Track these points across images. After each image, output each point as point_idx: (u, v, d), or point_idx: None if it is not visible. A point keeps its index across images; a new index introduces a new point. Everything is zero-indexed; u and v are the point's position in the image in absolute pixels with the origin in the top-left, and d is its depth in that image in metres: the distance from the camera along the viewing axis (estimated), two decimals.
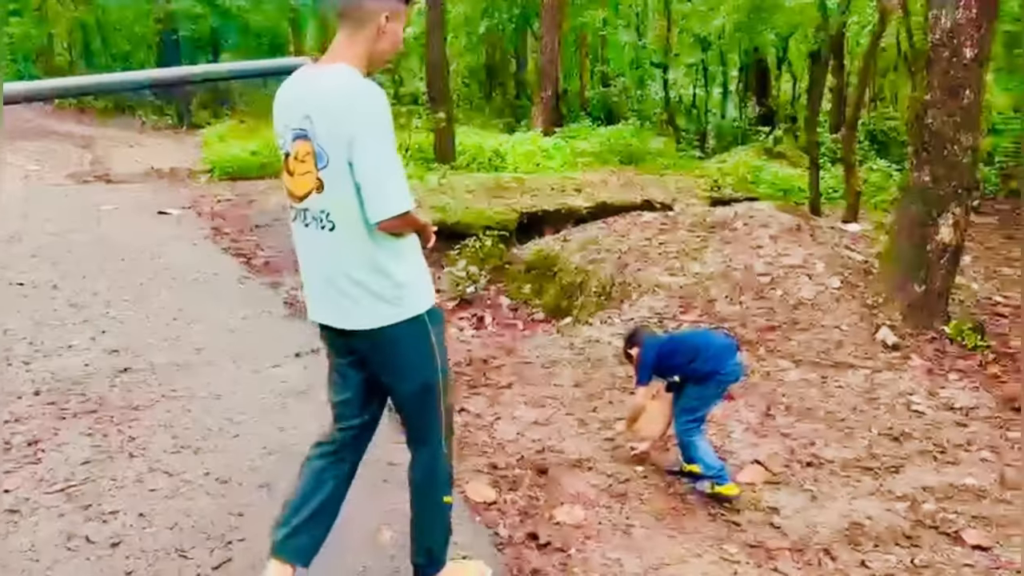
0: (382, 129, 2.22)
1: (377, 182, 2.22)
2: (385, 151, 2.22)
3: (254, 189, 11.89)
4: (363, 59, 2.35)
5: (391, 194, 2.23)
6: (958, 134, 6.02)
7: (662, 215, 8.71)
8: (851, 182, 9.20)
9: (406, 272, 2.37)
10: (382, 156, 2.21)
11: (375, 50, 2.37)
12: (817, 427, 4.43)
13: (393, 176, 2.24)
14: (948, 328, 6.03)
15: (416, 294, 2.39)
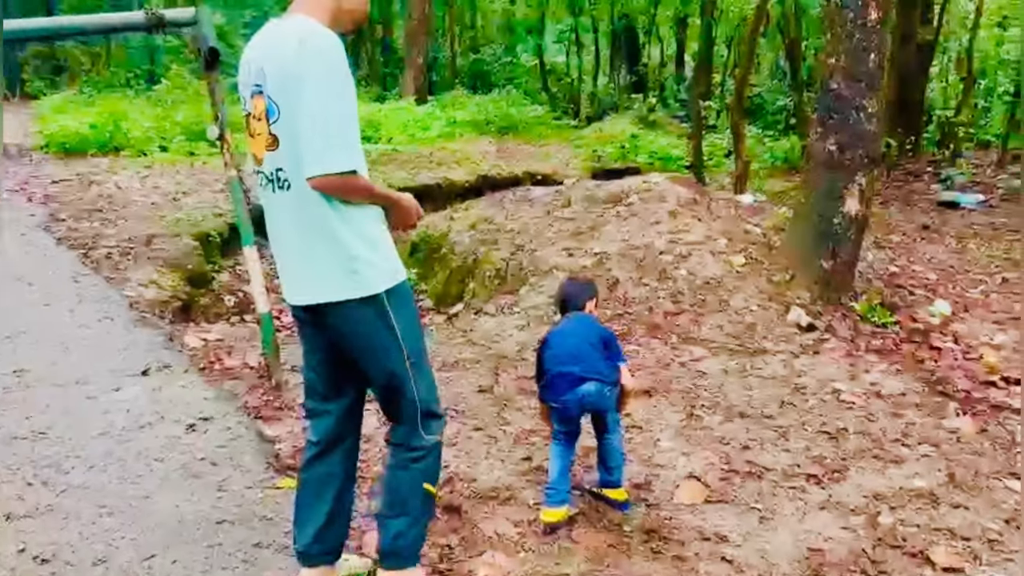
0: (330, 74, 2.03)
1: (313, 133, 2.03)
2: (329, 100, 2.03)
3: (95, 167, 10.62)
4: (327, 13, 2.20)
5: (328, 148, 2.03)
6: (863, 100, 5.75)
7: (553, 190, 8.19)
8: (740, 151, 8.98)
9: (363, 244, 2.19)
10: (325, 104, 2.02)
11: (340, 7, 2.24)
12: (748, 427, 4.02)
13: (334, 128, 2.03)
14: (858, 305, 5.80)
15: (374, 270, 2.21)
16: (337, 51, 2.05)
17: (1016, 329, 5.72)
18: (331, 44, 2.05)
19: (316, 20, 2.14)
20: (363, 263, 2.19)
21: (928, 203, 10.71)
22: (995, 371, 4.96)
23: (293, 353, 4.68)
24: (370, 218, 2.23)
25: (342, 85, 2.05)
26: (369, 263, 2.20)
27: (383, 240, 2.27)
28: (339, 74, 2.05)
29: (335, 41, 2.06)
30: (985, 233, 8.75)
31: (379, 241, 2.25)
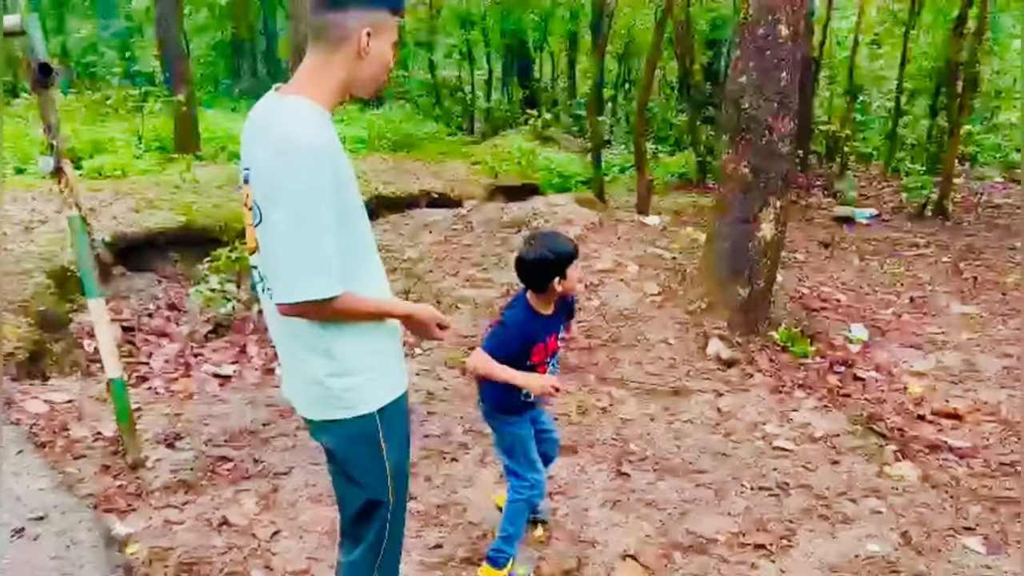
0: (304, 194, 1.79)
1: (284, 258, 1.84)
2: (290, 224, 1.81)
3: None
4: (336, 89, 1.95)
5: (298, 276, 1.83)
6: (775, 120, 5.50)
7: (452, 214, 7.69)
8: (643, 169, 8.71)
9: (354, 358, 1.98)
10: (296, 227, 1.80)
11: (356, 76, 1.96)
12: (682, 486, 3.61)
13: (305, 253, 1.82)
14: (777, 334, 5.53)
15: (366, 387, 2.00)
16: (315, 165, 1.79)
17: (935, 353, 5.57)
18: (309, 158, 1.79)
19: (316, 103, 1.89)
20: (354, 379, 1.98)
21: (824, 218, 10.75)
22: (923, 402, 4.76)
23: (155, 423, 4.02)
24: (365, 327, 1.99)
25: (318, 203, 1.80)
26: (362, 379, 1.99)
27: (384, 351, 2.05)
28: (315, 192, 1.79)
29: (315, 151, 1.80)
30: (884, 249, 8.76)
31: (378, 353, 2.03)
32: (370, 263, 2.03)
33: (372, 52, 1.92)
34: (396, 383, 2.08)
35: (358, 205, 1.96)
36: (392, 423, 2.05)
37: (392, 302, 2.07)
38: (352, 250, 1.92)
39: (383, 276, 2.10)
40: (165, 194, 8.78)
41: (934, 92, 15.43)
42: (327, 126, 1.90)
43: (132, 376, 5.49)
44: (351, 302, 1.90)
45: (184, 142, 12.16)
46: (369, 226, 2.05)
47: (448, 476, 3.59)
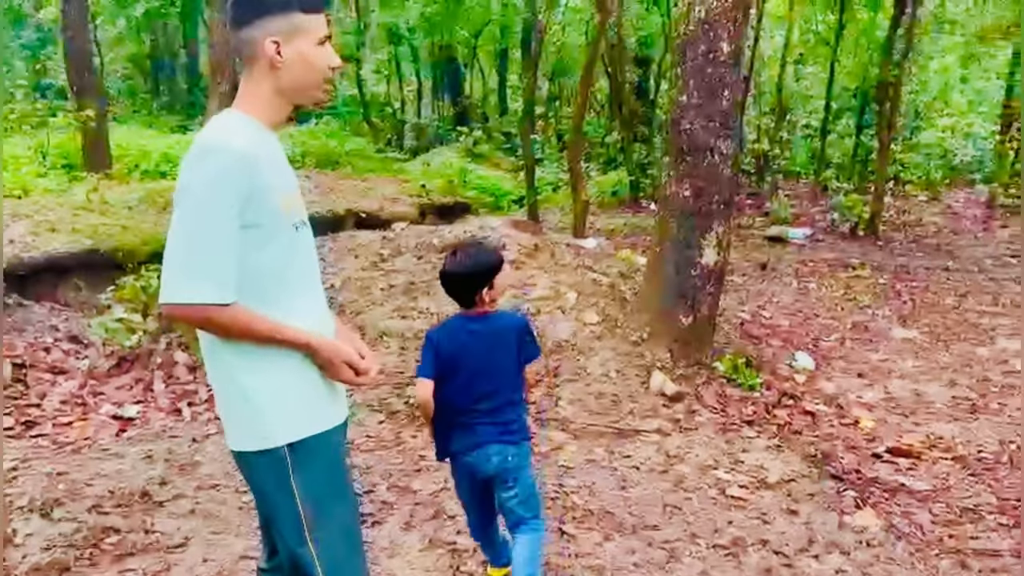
0: (193, 197, 1.72)
1: (171, 255, 1.74)
2: (185, 224, 1.73)
3: None
4: (268, 103, 1.87)
5: (180, 274, 1.72)
6: (717, 141, 5.26)
7: (380, 236, 7.27)
8: (579, 192, 8.44)
9: (260, 384, 1.82)
10: (179, 229, 1.73)
11: (283, 87, 1.86)
12: (632, 547, 3.27)
13: (194, 253, 1.71)
14: (721, 365, 5.27)
15: (273, 417, 1.83)
16: (222, 167, 1.72)
17: (882, 382, 5.38)
18: (217, 159, 1.73)
19: (250, 115, 1.85)
20: (261, 408, 1.83)
21: (757, 238, 10.67)
22: (875, 439, 4.54)
23: (33, 484, 3.50)
24: (278, 354, 1.83)
25: (218, 205, 1.71)
26: (271, 409, 1.83)
27: (297, 379, 1.86)
28: (217, 193, 1.71)
29: (225, 153, 1.73)
30: (821, 270, 8.67)
31: (288, 382, 1.85)
32: (296, 290, 1.87)
33: (288, 59, 1.83)
34: (315, 416, 1.89)
35: (287, 224, 1.83)
36: (309, 462, 1.86)
37: (292, 329, 1.83)
38: (270, 271, 1.80)
39: (316, 312, 1.94)
40: (69, 215, 8.14)
41: (859, 111, 15.67)
42: (255, 136, 1.82)
43: (20, 422, 4.93)
44: (241, 318, 1.76)
45: (93, 160, 11.44)
46: (309, 254, 1.94)
47: (369, 543, 3.17)
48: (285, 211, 1.82)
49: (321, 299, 1.99)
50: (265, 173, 1.77)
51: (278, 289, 1.83)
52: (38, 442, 4.21)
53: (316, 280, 1.97)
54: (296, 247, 1.86)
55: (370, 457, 3.92)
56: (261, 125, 1.85)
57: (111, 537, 3.11)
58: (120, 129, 15.07)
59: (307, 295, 1.91)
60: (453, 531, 3.29)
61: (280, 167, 1.88)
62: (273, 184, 1.79)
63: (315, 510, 1.86)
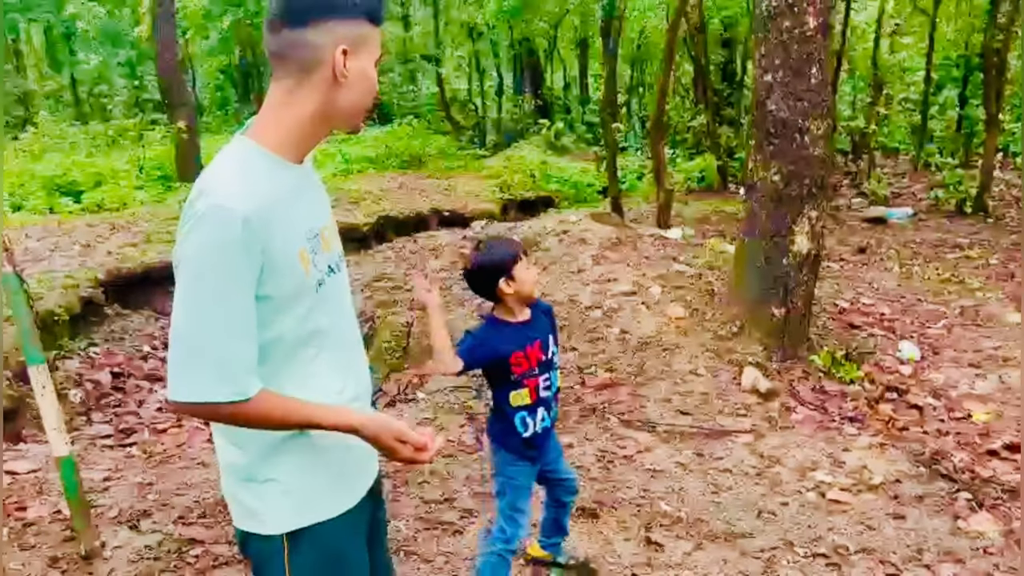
0: (193, 271, 1.41)
1: (177, 346, 1.43)
2: (187, 305, 1.42)
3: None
4: (304, 126, 1.53)
5: (175, 368, 1.43)
6: (807, 121, 4.98)
7: (459, 235, 7.21)
8: (661, 179, 8.20)
9: (261, 460, 1.58)
10: (180, 311, 1.43)
11: (334, 107, 1.53)
12: (724, 555, 3.09)
13: (184, 342, 1.43)
14: (819, 358, 4.99)
15: (271, 500, 1.59)
16: (223, 244, 1.40)
17: (996, 372, 5.00)
18: (216, 236, 1.40)
19: (267, 149, 1.51)
20: (260, 488, 1.59)
21: (855, 220, 10.17)
22: (990, 433, 4.20)
23: (124, 495, 3.56)
24: (292, 441, 1.58)
25: (224, 284, 1.42)
26: (268, 490, 1.59)
27: (305, 460, 1.60)
28: (222, 271, 1.41)
29: (226, 233, 1.40)
30: (925, 252, 8.18)
31: (295, 463, 1.59)
32: (319, 361, 1.59)
33: (352, 74, 1.51)
34: (321, 504, 1.63)
35: (309, 286, 1.54)
36: (309, 555, 1.61)
37: (332, 411, 1.57)
38: (285, 344, 1.54)
39: (345, 378, 1.64)
40: (164, 226, 8.41)
41: (962, 81, 14.81)
42: (267, 184, 1.48)
43: (119, 430, 5.08)
44: (270, 410, 1.49)
45: (186, 171, 11.81)
46: (338, 308, 1.65)
47: (450, 554, 3.09)
48: (306, 270, 1.53)
49: (353, 359, 1.71)
50: (282, 230, 1.48)
51: (295, 362, 1.57)
52: (130, 451, 4.30)
53: (344, 338, 1.67)
54: (322, 308, 1.59)
55: (452, 463, 3.84)
56: (281, 161, 1.53)
57: (195, 549, 3.13)
58: (212, 140, 15.54)
59: (333, 360, 1.63)
60: (535, 539, 3.18)
61: (303, 209, 1.57)
62: (292, 241, 1.51)
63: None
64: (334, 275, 1.64)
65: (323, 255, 1.59)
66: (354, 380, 1.68)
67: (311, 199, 1.62)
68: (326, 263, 1.61)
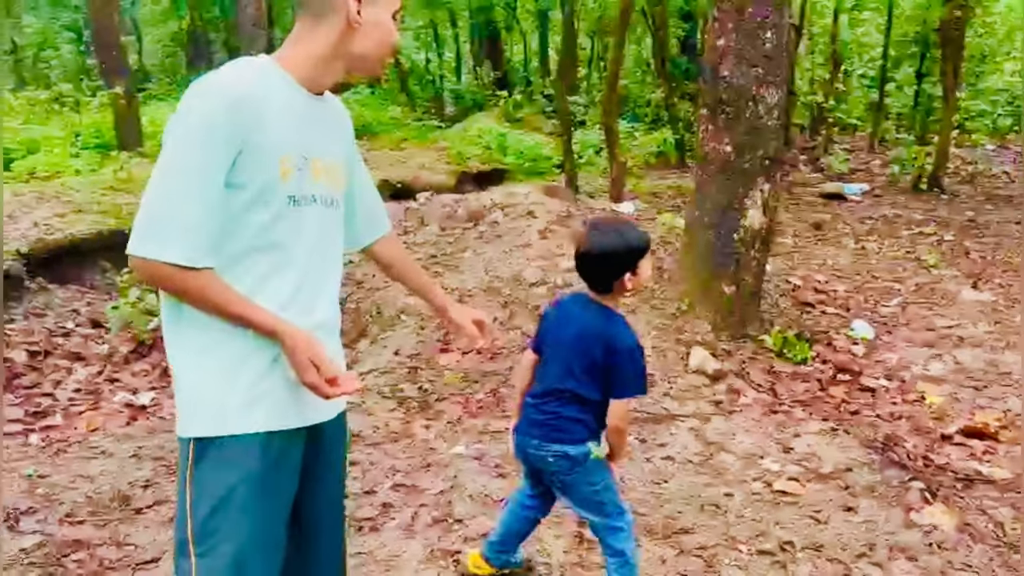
0: (175, 141, 1.52)
1: (142, 204, 1.53)
2: (162, 170, 1.52)
3: None
4: (317, 65, 1.66)
5: (143, 225, 1.51)
6: (761, 89, 4.74)
7: (403, 207, 6.89)
8: (614, 151, 7.93)
9: (186, 361, 1.61)
10: (156, 175, 1.52)
11: (348, 52, 1.66)
12: (663, 553, 2.87)
13: (153, 202, 1.51)
14: (769, 338, 4.79)
15: (187, 403, 1.61)
16: (208, 117, 1.51)
17: (951, 352, 4.84)
18: (204, 109, 1.51)
19: (285, 70, 1.64)
20: (184, 390, 1.62)
21: (812, 195, 10.04)
22: (944, 417, 4.03)
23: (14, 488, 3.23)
24: (210, 335, 1.58)
25: (177, 152, 1.51)
26: (186, 392, 1.61)
27: (222, 368, 1.59)
28: (199, 145, 1.50)
29: (214, 105, 1.51)
30: (880, 228, 8.05)
31: (212, 369, 1.59)
32: (280, 274, 1.62)
33: (366, 22, 1.64)
34: (236, 418, 1.59)
35: (281, 195, 1.59)
36: (211, 468, 1.58)
37: (264, 311, 1.58)
38: (250, 244, 1.58)
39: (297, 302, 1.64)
40: (97, 196, 7.97)
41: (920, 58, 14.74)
42: (276, 88, 1.59)
43: (29, 413, 4.71)
44: (213, 289, 1.53)
45: (125, 139, 11.27)
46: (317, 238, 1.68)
47: (364, 555, 2.82)
48: (283, 174, 1.58)
49: (317, 295, 1.70)
50: (271, 128, 1.55)
51: (249, 266, 1.59)
52: (26, 440, 3.95)
53: (311, 270, 1.68)
54: (289, 226, 1.61)
55: (375, 452, 3.56)
56: (295, 82, 1.64)
57: (79, 553, 2.81)
58: (157, 106, 14.95)
59: (291, 282, 1.64)
60: (460, 538, 2.93)
61: (305, 132, 1.64)
62: (276, 143, 1.57)
63: (206, 524, 1.57)
64: (315, 206, 1.66)
65: (309, 181, 1.64)
66: (309, 311, 1.66)
67: (319, 131, 1.69)
68: (311, 190, 1.65)
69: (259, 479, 1.58)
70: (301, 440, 1.68)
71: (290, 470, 1.66)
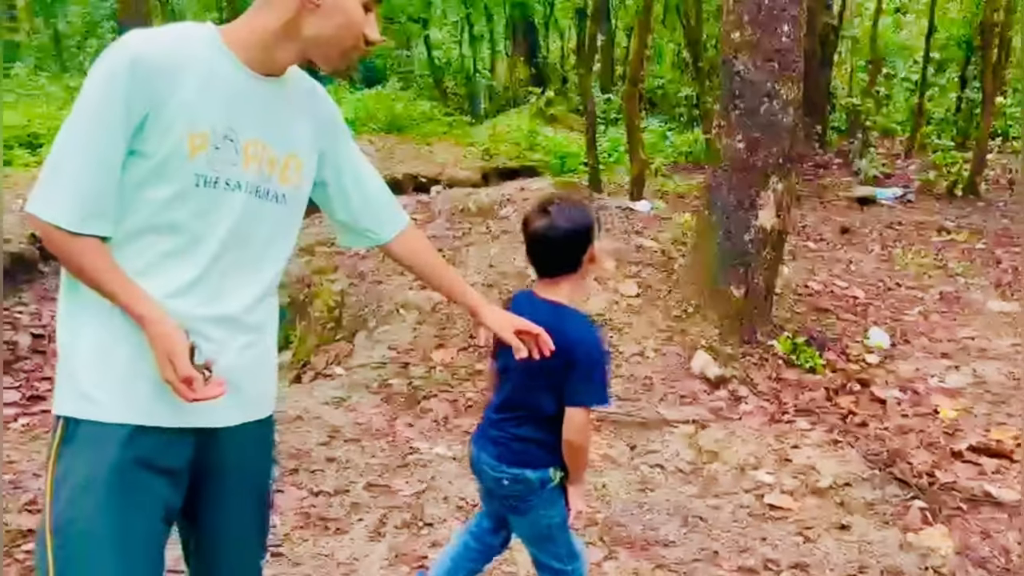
0: (80, 100, 1.41)
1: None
2: (64, 128, 1.41)
3: None
4: (264, 35, 1.50)
5: (38, 186, 1.41)
6: (776, 84, 4.55)
7: (415, 200, 6.79)
8: (635, 150, 7.75)
9: (69, 339, 1.48)
10: (60, 133, 1.42)
11: (298, 29, 1.50)
12: (636, 567, 2.72)
13: (50, 164, 1.42)
14: (778, 343, 4.60)
15: (64, 378, 1.49)
16: (111, 75, 1.39)
17: (970, 364, 4.61)
18: (108, 66, 1.40)
19: (226, 41, 1.49)
20: (61, 362, 1.50)
21: (843, 200, 9.74)
22: (956, 433, 3.82)
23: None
24: (94, 311, 1.46)
25: (95, 117, 1.39)
26: (63, 366, 1.49)
27: (91, 349, 1.47)
28: (98, 104, 1.39)
29: (118, 64, 1.39)
30: (909, 234, 7.76)
31: (80, 348, 1.47)
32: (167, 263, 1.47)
33: (326, 5, 1.48)
34: (95, 402, 1.45)
35: (187, 171, 1.44)
36: (74, 453, 1.44)
37: (138, 291, 1.44)
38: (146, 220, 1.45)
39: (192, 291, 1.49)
40: None
41: (964, 62, 14.31)
42: (196, 53, 1.45)
43: (27, 396, 4.70)
44: (92, 258, 1.41)
45: None
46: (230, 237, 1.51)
47: (325, 557, 2.71)
48: (191, 151, 1.44)
49: (234, 290, 1.54)
50: (184, 98, 1.42)
51: (151, 248, 1.46)
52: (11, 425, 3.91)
53: (229, 262, 1.53)
54: (194, 207, 1.47)
55: (353, 449, 3.45)
56: (231, 55, 1.48)
57: (30, 542, 2.73)
58: None
59: (198, 271, 1.49)
60: (427, 543, 2.81)
61: (240, 111, 1.49)
62: (189, 116, 1.43)
63: (63, 514, 1.43)
64: (239, 193, 1.51)
65: (233, 165, 1.49)
66: (211, 302, 1.51)
67: (265, 115, 1.53)
68: (234, 175, 1.50)
69: (118, 475, 1.44)
70: (184, 443, 1.52)
71: (162, 473, 1.49)
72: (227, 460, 1.59)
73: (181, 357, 1.42)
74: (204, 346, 1.48)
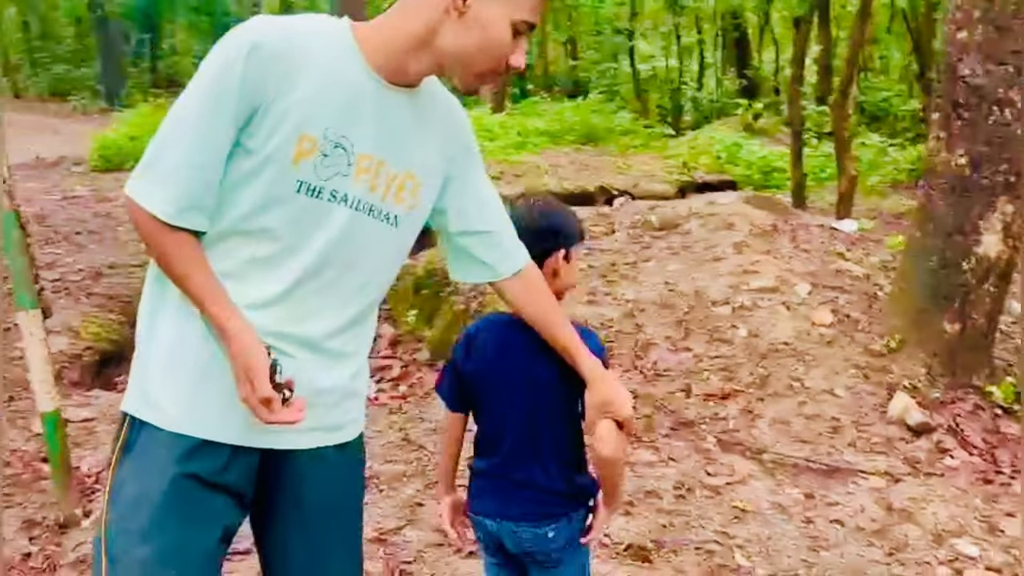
0: (192, 82, 1.34)
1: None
2: (170, 114, 1.34)
3: (119, 182, 9.75)
4: (399, 39, 1.37)
5: (139, 167, 1.35)
6: (1010, 91, 3.93)
7: (595, 212, 6.60)
8: (844, 164, 7.12)
9: (147, 333, 1.42)
10: (167, 118, 1.35)
11: (436, 38, 1.36)
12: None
13: (154, 147, 1.33)
14: (998, 390, 3.96)
15: (139, 372, 1.42)
16: (229, 61, 1.30)
17: None
18: (226, 50, 1.32)
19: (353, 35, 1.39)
20: (136, 357, 1.42)
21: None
22: None
23: None
24: (173, 310, 1.40)
25: (191, 98, 1.33)
26: (137, 362, 1.43)
27: (165, 351, 1.40)
28: (212, 89, 1.31)
29: (237, 49, 1.30)
30: None
31: (168, 346, 1.40)
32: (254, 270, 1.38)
33: (471, 15, 1.34)
34: (155, 410, 1.38)
35: (287, 173, 1.34)
36: (135, 457, 1.39)
37: (222, 300, 1.35)
38: (230, 223, 1.37)
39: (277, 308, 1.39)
40: None
41: None
42: (322, 49, 1.35)
43: None
44: (180, 248, 1.33)
45: None
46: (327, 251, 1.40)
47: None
48: (295, 155, 1.33)
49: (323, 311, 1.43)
50: (300, 96, 1.32)
51: (238, 252, 1.38)
52: None
53: (325, 280, 1.42)
54: (291, 215, 1.36)
55: None
56: (360, 57, 1.37)
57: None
58: None
59: (290, 284, 1.39)
60: None
61: (361, 120, 1.38)
62: (302, 116, 1.33)
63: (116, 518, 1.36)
64: (345, 208, 1.39)
65: (343, 176, 1.38)
66: (299, 321, 1.41)
67: (389, 128, 1.41)
68: (341, 187, 1.38)
69: (175, 489, 1.35)
70: (248, 461, 1.42)
71: (222, 490, 1.40)
72: (294, 487, 1.48)
73: (261, 375, 1.32)
74: (286, 363, 1.37)
